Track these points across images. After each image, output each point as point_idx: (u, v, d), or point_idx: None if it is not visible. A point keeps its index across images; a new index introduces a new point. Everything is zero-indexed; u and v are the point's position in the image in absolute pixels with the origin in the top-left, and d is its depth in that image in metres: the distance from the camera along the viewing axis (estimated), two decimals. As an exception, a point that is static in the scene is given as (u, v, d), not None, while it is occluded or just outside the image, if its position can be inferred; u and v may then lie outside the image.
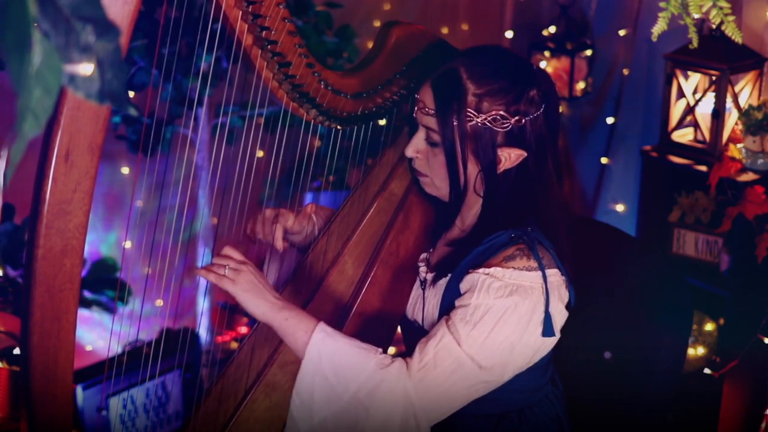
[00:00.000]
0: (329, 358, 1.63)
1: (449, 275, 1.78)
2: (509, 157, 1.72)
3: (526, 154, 1.72)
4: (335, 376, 1.63)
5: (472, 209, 1.81)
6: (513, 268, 1.69)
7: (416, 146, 1.79)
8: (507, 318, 1.66)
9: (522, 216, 1.75)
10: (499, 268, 1.69)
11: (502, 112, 1.70)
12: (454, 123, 1.70)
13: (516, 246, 1.71)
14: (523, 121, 1.70)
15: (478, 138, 1.70)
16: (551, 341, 1.73)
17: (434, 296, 1.82)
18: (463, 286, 1.73)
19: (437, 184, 1.79)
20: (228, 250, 1.72)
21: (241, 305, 1.68)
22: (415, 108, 1.77)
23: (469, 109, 1.70)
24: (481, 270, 1.70)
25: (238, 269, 1.68)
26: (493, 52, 1.77)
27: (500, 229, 1.74)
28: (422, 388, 1.63)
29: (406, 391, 1.63)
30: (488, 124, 1.70)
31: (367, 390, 1.62)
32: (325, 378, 1.63)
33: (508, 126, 1.70)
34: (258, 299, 1.67)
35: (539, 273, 1.68)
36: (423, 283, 1.87)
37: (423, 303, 1.85)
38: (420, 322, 1.86)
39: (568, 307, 1.76)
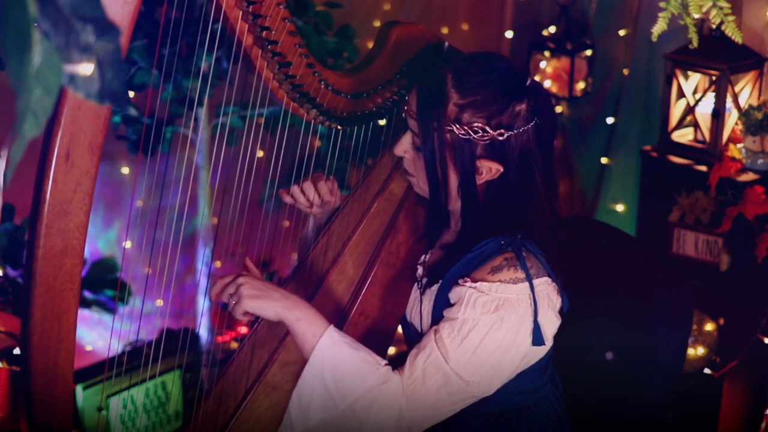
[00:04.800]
0: (331, 367, 1.65)
1: (440, 281, 1.79)
2: (490, 169, 1.71)
3: (503, 169, 1.70)
4: (335, 385, 1.65)
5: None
6: (500, 281, 1.68)
7: (404, 146, 1.79)
8: (493, 333, 1.66)
9: (509, 224, 1.73)
10: (485, 283, 1.69)
11: (481, 125, 1.68)
12: (433, 131, 1.69)
13: (504, 255, 1.70)
14: (506, 135, 1.68)
15: (457, 148, 1.69)
16: (541, 350, 1.73)
17: (428, 301, 1.82)
18: (452, 296, 1.73)
19: (422, 185, 1.79)
20: (216, 286, 1.73)
21: (256, 315, 1.71)
22: (404, 109, 1.77)
23: (448, 119, 1.68)
24: (468, 283, 1.70)
25: (236, 288, 1.69)
26: (486, 62, 1.73)
27: (489, 236, 1.74)
28: (412, 403, 1.66)
29: (400, 409, 1.66)
30: (467, 135, 1.69)
31: (364, 404, 1.65)
32: (325, 385, 1.65)
33: (487, 139, 1.68)
34: (268, 302, 1.68)
35: (526, 284, 1.68)
36: (420, 285, 1.87)
37: (420, 307, 1.85)
38: (417, 326, 1.86)
39: (561, 312, 1.76)
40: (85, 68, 0.86)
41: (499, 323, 1.66)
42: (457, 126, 1.68)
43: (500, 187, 1.72)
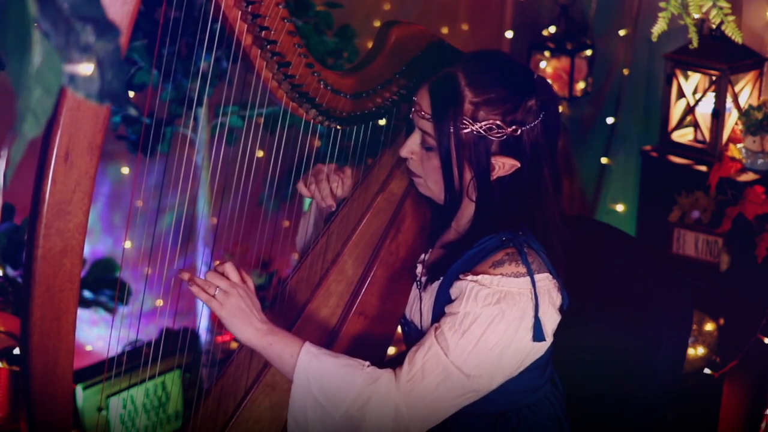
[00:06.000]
0: (317, 380, 1.65)
1: (441, 278, 1.79)
2: (503, 165, 1.71)
3: (519, 165, 1.71)
4: (325, 397, 1.65)
5: (467, 213, 1.81)
6: (501, 274, 1.69)
7: (411, 147, 1.79)
8: (495, 326, 1.66)
9: (515, 221, 1.74)
10: (486, 276, 1.69)
11: (498, 122, 1.69)
12: (450, 129, 1.70)
13: (505, 251, 1.71)
14: (520, 131, 1.69)
15: (473, 146, 1.70)
16: (542, 346, 1.73)
17: (429, 298, 1.82)
18: (453, 292, 1.73)
19: (430, 186, 1.79)
20: (227, 268, 1.72)
21: (226, 328, 1.70)
22: (412, 110, 1.77)
23: (464, 117, 1.69)
24: (469, 277, 1.70)
25: (228, 292, 1.68)
26: (493, 60, 1.75)
27: (492, 232, 1.74)
28: (411, 400, 1.65)
29: (396, 404, 1.65)
30: (483, 132, 1.69)
31: (358, 407, 1.64)
32: (316, 400, 1.65)
33: (503, 136, 1.69)
34: (244, 325, 1.68)
35: (528, 279, 1.68)
36: (419, 284, 1.87)
37: (420, 304, 1.85)
38: (417, 323, 1.86)
39: (561, 310, 1.76)
40: (85, 68, 0.86)
41: (501, 316, 1.66)
42: (474, 124, 1.69)
43: (511, 182, 1.73)
